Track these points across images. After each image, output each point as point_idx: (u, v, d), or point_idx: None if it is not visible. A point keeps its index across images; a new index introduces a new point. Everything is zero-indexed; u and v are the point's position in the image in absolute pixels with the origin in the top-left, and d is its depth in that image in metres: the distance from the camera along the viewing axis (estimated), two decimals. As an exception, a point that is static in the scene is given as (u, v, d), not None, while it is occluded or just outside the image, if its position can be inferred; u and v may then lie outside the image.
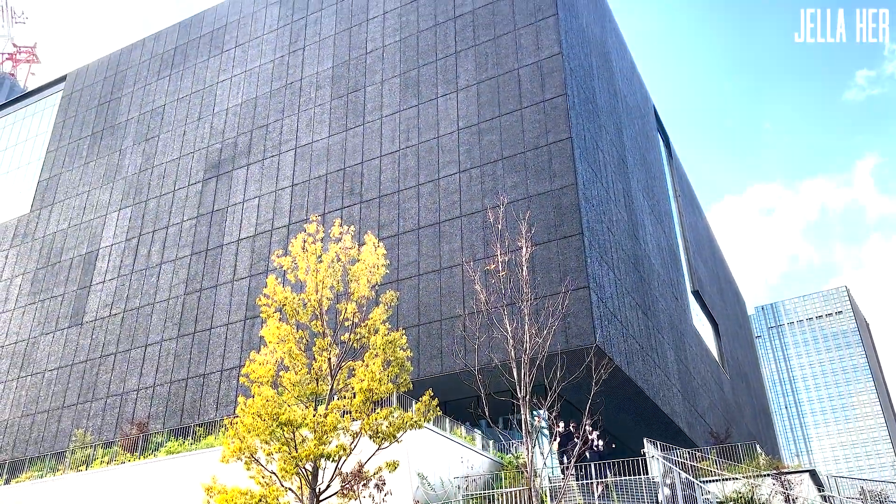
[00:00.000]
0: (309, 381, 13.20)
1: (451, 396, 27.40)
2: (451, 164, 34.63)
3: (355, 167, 37.62)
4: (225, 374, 35.44)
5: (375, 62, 40.27)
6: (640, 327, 36.06)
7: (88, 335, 41.87)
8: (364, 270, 13.87)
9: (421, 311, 31.86)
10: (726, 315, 67.42)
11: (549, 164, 32.16)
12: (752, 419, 67.18)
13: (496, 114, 34.61)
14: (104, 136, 50.66)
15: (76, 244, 46.51)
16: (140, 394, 37.90)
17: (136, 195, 45.76)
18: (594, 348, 26.51)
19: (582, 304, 28.63)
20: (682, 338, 45.95)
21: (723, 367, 58.48)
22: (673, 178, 59.69)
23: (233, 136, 43.73)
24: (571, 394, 17.09)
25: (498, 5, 37.50)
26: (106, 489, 26.62)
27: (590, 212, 32.02)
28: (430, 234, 33.44)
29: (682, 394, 40.97)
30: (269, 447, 12.13)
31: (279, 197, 39.42)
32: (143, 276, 41.92)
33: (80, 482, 27.69)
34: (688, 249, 56.12)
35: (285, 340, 13.23)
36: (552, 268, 29.83)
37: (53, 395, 41.11)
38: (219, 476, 12.08)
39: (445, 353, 30.26)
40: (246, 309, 36.54)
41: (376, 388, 12.54)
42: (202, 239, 40.92)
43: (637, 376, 32.86)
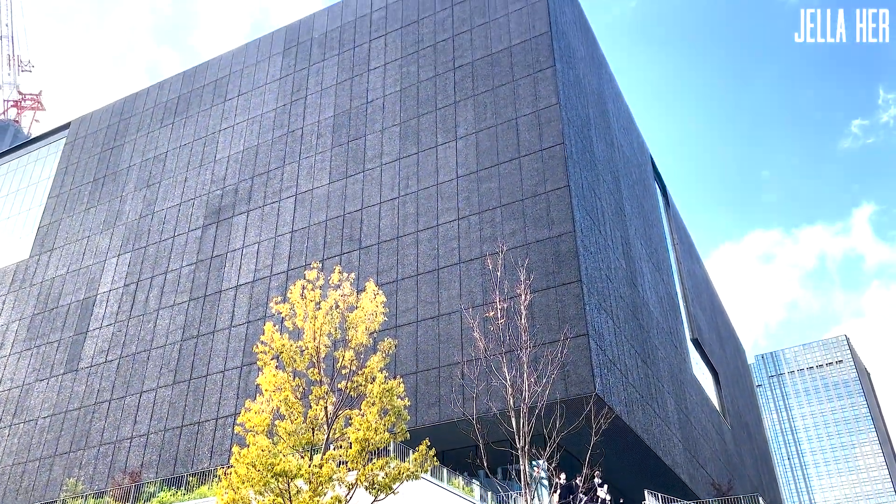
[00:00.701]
0: (305, 431, 13.03)
1: (449, 446, 27.01)
2: (450, 211, 34.84)
3: (355, 214, 37.84)
4: (220, 422, 34.99)
5: (376, 111, 40.86)
6: (640, 376, 35.79)
7: (83, 382, 41.46)
8: (362, 318, 13.82)
9: (419, 357, 31.66)
10: (726, 363, 66.98)
11: (547, 211, 32.37)
12: (754, 470, 66.13)
13: (495, 162, 34.98)
14: (106, 182, 51.05)
15: (74, 289, 46.42)
16: (133, 442, 37.34)
17: (136, 241, 45.88)
18: (594, 397, 26.26)
19: (581, 352, 28.46)
20: (683, 386, 45.56)
21: (724, 416, 57.83)
22: (670, 226, 60.00)
23: (234, 182, 44.08)
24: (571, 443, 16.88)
25: (497, 57, 38.25)
26: (95, 541, 26.02)
27: (588, 259, 32.09)
28: (429, 280, 33.44)
29: (682, 444, 40.43)
30: (263, 499, 11.91)
31: (279, 243, 39.54)
32: (140, 322, 41.73)
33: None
34: (686, 297, 56.06)
35: (282, 388, 13.10)
36: (551, 315, 29.76)
37: (46, 442, 40.50)
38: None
39: (444, 400, 29.95)
40: (243, 355, 36.28)
41: (373, 438, 12.38)
42: (201, 285, 40.89)
43: (637, 426, 32.46)
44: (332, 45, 45.88)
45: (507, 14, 39.34)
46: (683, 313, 54.27)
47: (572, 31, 42.26)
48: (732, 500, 28.13)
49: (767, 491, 67.15)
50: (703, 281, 68.65)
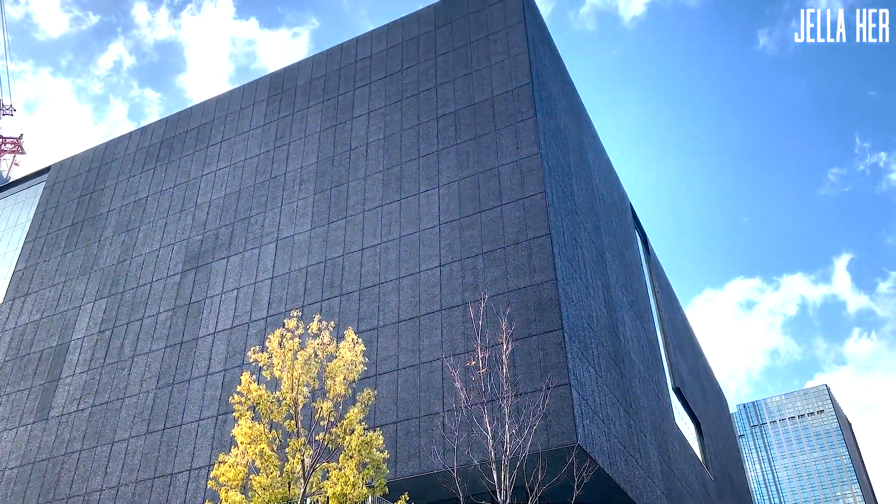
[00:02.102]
0: (280, 485, 12.62)
1: (429, 499, 26.39)
2: (432, 258, 34.79)
3: (336, 260, 37.66)
4: (193, 474, 34.02)
5: (359, 158, 41.07)
6: (623, 426, 35.45)
7: (53, 431, 40.29)
8: (341, 367, 13.57)
9: (399, 406, 31.16)
10: (708, 413, 66.71)
11: (528, 259, 32.42)
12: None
13: (477, 209, 35.13)
14: (84, 226, 50.54)
15: (47, 336, 45.47)
16: (104, 494, 36.14)
17: (113, 286, 45.22)
18: (576, 448, 25.90)
19: (563, 402, 28.17)
20: (665, 436, 45.19)
21: (706, 467, 57.31)
22: (651, 274, 60.36)
23: (214, 227, 43.82)
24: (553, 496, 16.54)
25: (479, 107, 38.76)
26: None
27: (570, 307, 32.05)
28: (410, 327, 33.16)
29: (665, 495, 39.88)
30: (236, 557, 11.46)
31: (258, 289, 39.14)
32: (114, 370, 40.84)
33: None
34: (668, 346, 56.06)
35: (257, 441, 12.74)
36: (533, 364, 29.52)
37: (12, 495, 39.07)
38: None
39: (423, 451, 29.38)
40: (219, 405, 35.51)
41: (350, 493, 12.01)
42: (178, 331, 40.23)
43: (620, 477, 32.01)
44: (317, 93, 46.31)
45: (490, 65, 40.04)
46: (665, 362, 54.19)
47: (552, 82, 43.06)
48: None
49: (752, 544, 66.24)
50: (684, 329, 68.82)
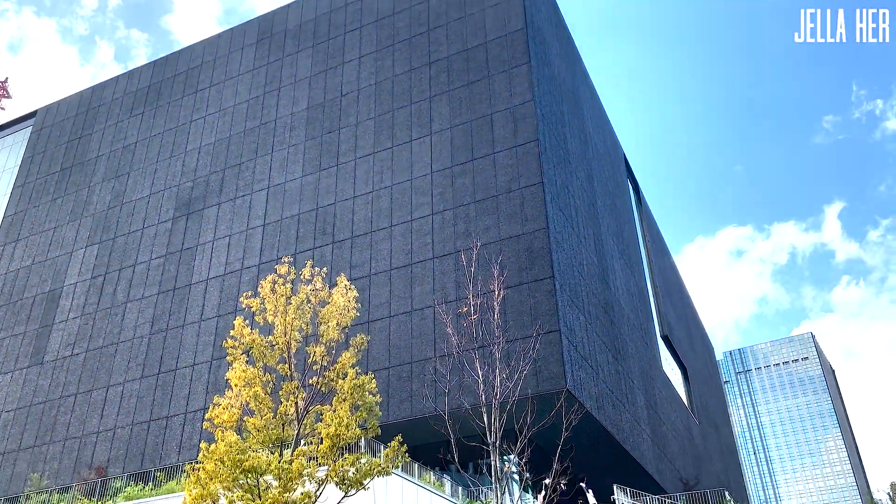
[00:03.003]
0: (275, 426, 12.91)
1: (421, 441, 27.01)
2: (424, 207, 34.79)
3: (328, 208, 37.60)
4: (189, 417, 34.61)
5: (350, 104, 40.61)
6: (611, 371, 36.12)
7: (49, 375, 40.71)
8: (334, 313, 13.72)
9: (391, 353, 31.60)
10: (695, 360, 67.90)
11: (521, 208, 32.47)
12: (720, 464, 67.19)
13: (469, 158, 34.98)
14: (73, 172, 50.08)
15: (40, 281, 45.52)
16: (100, 437, 36.78)
17: (104, 233, 45.10)
18: (564, 393, 26.45)
19: (553, 348, 28.63)
20: (652, 382, 46.09)
21: (692, 412, 58.63)
22: (642, 223, 60.59)
23: (205, 174, 43.51)
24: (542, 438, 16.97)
25: (472, 52, 38.21)
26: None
27: (561, 256, 32.27)
28: (402, 275, 33.37)
29: (651, 439, 40.90)
30: (233, 494, 11.78)
31: (250, 236, 39.14)
32: (107, 316, 41.06)
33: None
34: (657, 294, 56.68)
35: (251, 384, 12.96)
36: (523, 311, 29.88)
37: (10, 437, 39.70)
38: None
39: (416, 396, 29.94)
40: (213, 350, 35.90)
41: (344, 434, 12.30)
42: (170, 278, 40.34)
43: (607, 421, 32.78)
44: (307, 37, 45.46)
45: (483, 10, 39.32)
46: (654, 310, 54.88)
47: (547, 27, 42.38)
48: (699, 495, 28.55)
49: (733, 485, 68.28)
50: (673, 278, 69.48)
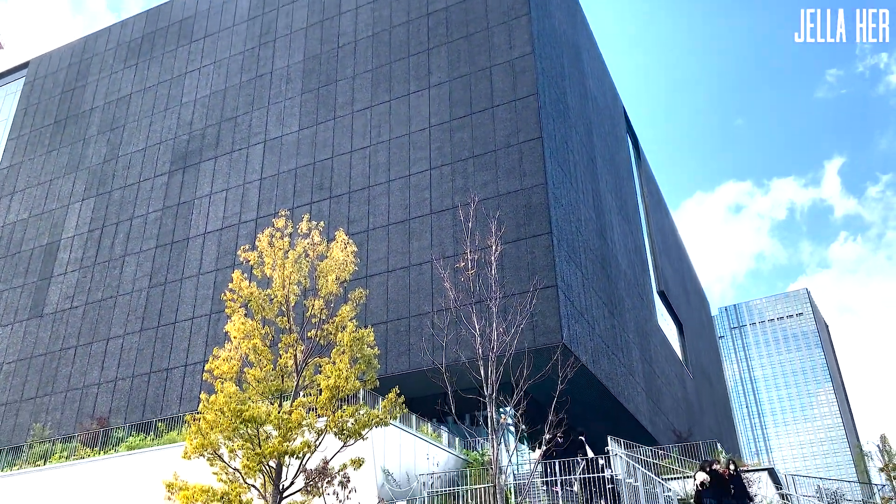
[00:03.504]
0: (274, 378, 13.06)
1: (418, 393, 27.36)
2: (422, 161, 34.59)
3: (325, 162, 37.37)
4: (189, 369, 34.98)
5: (347, 56, 40.02)
6: (607, 326, 36.44)
7: (48, 328, 40.99)
8: (332, 267, 13.75)
9: (389, 307, 31.80)
10: (690, 315, 68.48)
11: (519, 163, 32.30)
12: (713, 418, 68.35)
13: (468, 111, 34.65)
14: (67, 124, 49.59)
15: (37, 234, 45.48)
16: (101, 388, 37.22)
17: (101, 186, 44.89)
18: (560, 346, 26.71)
19: (549, 303, 28.83)
20: (648, 337, 46.55)
21: (686, 366, 59.38)
22: (641, 179, 60.39)
23: (200, 127, 43.12)
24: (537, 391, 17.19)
25: (471, 3, 37.51)
26: (65, 484, 26.10)
27: (559, 211, 32.24)
28: (400, 230, 33.37)
29: (646, 392, 41.51)
30: (233, 444, 11.98)
31: (247, 191, 38.99)
32: (105, 269, 41.15)
33: (38, 477, 27.11)
34: (654, 250, 56.83)
35: (250, 336, 13.06)
36: (521, 266, 29.98)
37: (11, 388, 40.18)
38: (181, 472, 11.92)
39: (413, 349, 30.24)
40: (211, 303, 36.09)
41: (343, 385, 12.46)
42: (167, 232, 40.31)
43: (602, 374, 33.20)
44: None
45: (483, -41, 38.43)
46: (651, 266, 55.10)
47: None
48: (692, 446, 29.11)
49: (726, 437, 69.55)
50: (671, 234, 69.58)
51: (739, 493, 17.80)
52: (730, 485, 17.76)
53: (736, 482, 17.97)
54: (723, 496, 17.53)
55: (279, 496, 12.30)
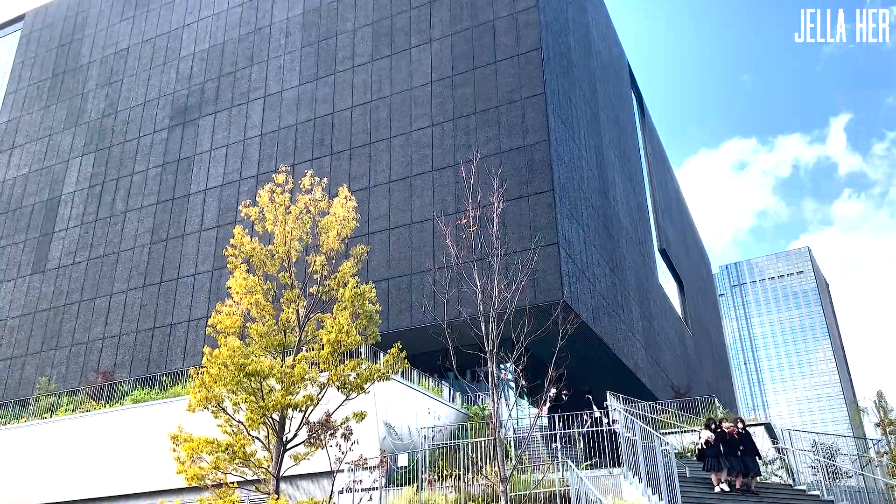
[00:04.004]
0: (276, 333, 13.15)
1: (420, 349, 27.60)
2: (424, 118, 34.27)
3: (325, 118, 37.03)
4: (192, 325, 35.25)
5: (347, 9, 39.32)
6: (607, 284, 36.56)
7: (52, 283, 41.20)
8: (334, 223, 13.72)
9: (391, 265, 31.88)
10: (691, 273, 68.65)
11: (522, 119, 31.99)
12: (711, 374, 69.09)
13: (470, 66, 34.18)
14: (65, 78, 49.04)
15: (38, 190, 45.37)
16: (105, 343, 37.58)
17: (100, 141, 44.60)
18: (561, 304, 26.84)
19: (551, 261, 28.87)
20: (648, 295, 46.75)
21: (686, 324, 59.78)
22: (644, 136, 59.89)
23: (199, 82, 42.64)
24: (538, 348, 17.33)
25: (474, -46, 36.67)
26: (71, 437, 26.56)
27: (561, 169, 32.06)
28: (402, 188, 33.24)
29: (645, 349, 41.87)
30: (236, 397, 12.13)
31: (247, 147, 38.74)
32: (107, 225, 41.16)
33: (45, 430, 27.57)
34: (657, 208, 56.69)
35: (252, 292, 13.12)
36: (523, 224, 29.95)
37: (16, 342, 40.58)
38: (185, 425, 12.11)
39: (415, 306, 30.41)
40: (213, 259, 36.19)
41: (344, 340, 12.55)
42: (168, 188, 40.19)
43: (602, 331, 33.45)
44: (302, -63, 43.48)
45: None
46: (653, 224, 55.02)
47: (554, -72, 40.52)
48: (690, 402, 29.48)
49: (723, 393, 70.38)
50: (673, 192, 69.31)
51: (749, 450, 17.77)
52: (739, 444, 17.72)
53: (745, 440, 17.92)
54: (728, 455, 17.53)
55: (283, 448, 12.50)
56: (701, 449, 18.34)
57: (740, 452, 17.63)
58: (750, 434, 18.60)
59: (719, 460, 17.56)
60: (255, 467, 12.24)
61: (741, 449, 17.68)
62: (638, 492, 16.98)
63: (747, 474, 17.60)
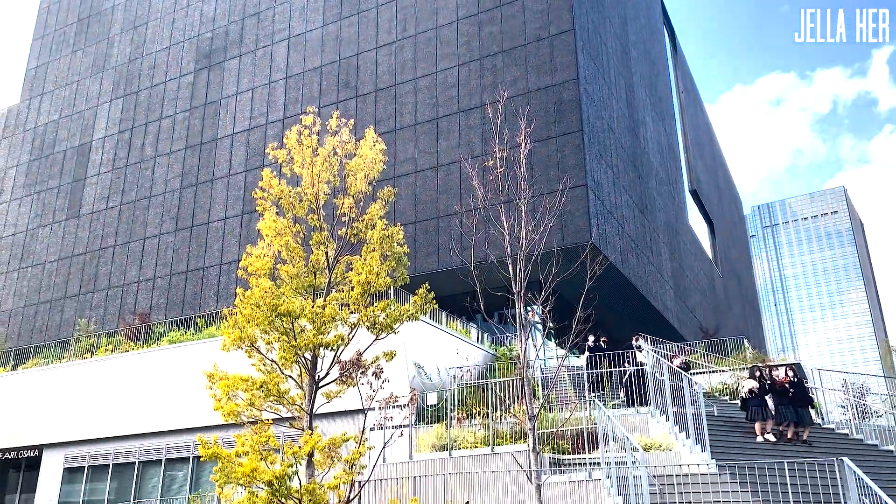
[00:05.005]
0: (306, 274, 13.32)
1: (447, 292, 27.79)
2: (450, 57, 33.69)
3: (350, 59, 36.60)
4: (224, 268, 35.85)
5: (371, -54, 38.35)
6: (636, 225, 36.25)
7: (87, 227, 42.02)
8: (361, 165, 13.70)
9: (418, 208, 31.88)
10: (722, 214, 67.70)
11: (550, 57, 31.30)
12: (741, 316, 68.80)
13: (496, 3, 33.35)
14: (91, 23, 48.92)
15: (69, 135, 45.86)
16: (141, 286, 38.46)
17: (127, 86, 44.71)
18: (589, 246, 26.74)
19: (579, 202, 28.64)
20: (677, 236, 46.31)
21: (715, 265, 59.28)
22: (676, 73, 58.33)
23: (224, 24, 42.26)
24: (566, 289, 17.36)
25: None
26: (111, 375, 27.48)
27: (590, 108, 31.47)
28: (428, 130, 32.96)
29: (674, 290, 41.71)
30: (269, 336, 12.40)
31: (273, 90, 38.56)
32: (137, 170, 41.61)
33: (86, 369, 28.55)
34: (688, 148, 55.61)
35: (282, 234, 13.24)
36: (550, 165, 29.63)
37: (55, 285, 41.71)
38: (220, 364, 12.45)
39: (442, 249, 30.52)
40: (243, 203, 36.51)
41: (374, 281, 12.69)
42: (196, 132, 40.34)
43: (630, 273, 33.33)
44: None
45: None
46: (684, 164, 54.07)
47: None
48: (718, 342, 29.46)
49: (753, 334, 70.16)
50: (706, 131, 67.80)
51: (801, 398, 16.91)
52: (788, 391, 16.92)
53: (797, 387, 17.09)
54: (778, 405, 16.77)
55: (315, 386, 12.81)
56: (744, 398, 17.53)
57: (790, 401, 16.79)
58: (802, 382, 17.76)
59: (763, 409, 16.84)
60: (289, 404, 12.59)
61: (791, 396, 16.84)
62: (665, 430, 17.18)
63: (800, 424, 16.87)
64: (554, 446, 17.28)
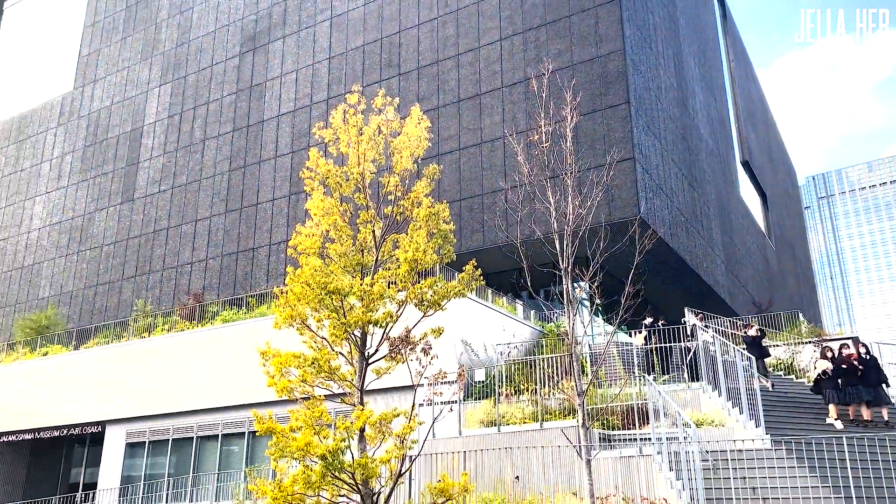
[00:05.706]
0: (354, 253, 13.44)
1: (493, 269, 27.81)
2: (492, 32, 33.33)
3: (392, 37, 36.52)
4: (273, 248, 36.46)
5: (412, -79, 38.02)
6: (686, 199, 35.55)
7: (140, 211, 43.16)
8: (406, 143, 13.71)
9: (462, 185, 31.82)
10: (776, 186, 65.86)
11: (595, 28, 30.71)
12: (795, 289, 67.11)
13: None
14: (138, 9, 49.82)
15: (121, 121, 47.00)
16: (194, 267, 39.41)
17: (175, 71, 45.51)
18: (638, 220, 26.32)
19: (627, 176, 28.19)
20: (729, 209, 45.27)
21: (769, 237, 57.83)
22: (726, 40, 56.63)
23: (267, 6, 42.56)
24: (613, 265, 17.19)
25: None
26: (169, 354, 28.33)
27: (637, 79, 30.82)
28: (471, 106, 32.77)
29: (725, 264, 40.88)
30: (319, 314, 12.57)
31: (317, 70, 38.77)
32: (188, 153, 42.46)
33: (145, 347, 29.49)
34: (739, 118, 54.10)
35: (330, 213, 13.36)
36: (597, 139, 29.20)
37: (112, 268, 43.05)
38: (272, 341, 12.71)
39: (487, 226, 30.45)
40: (290, 184, 36.99)
41: (421, 259, 12.72)
42: (243, 115, 40.90)
43: (680, 248, 32.77)
44: None
45: None
46: (735, 135, 52.67)
47: None
48: (772, 317, 28.82)
49: (807, 308, 68.41)
50: (757, 100, 65.81)
51: (874, 378, 16.01)
52: (858, 369, 16.03)
53: (870, 365, 16.17)
54: (846, 385, 15.97)
55: (365, 362, 12.97)
56: (817, 379, 16.66)
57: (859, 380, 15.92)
58: (876, 358, 16.68)
59: (837, 392, 15.99)
60: (340, 380, 12.78)
61: (860, 375, 15.93)
62: (718, 405, 16.95)
63: (876, 404, 15.95)
64: (604, 422, 17.23)
